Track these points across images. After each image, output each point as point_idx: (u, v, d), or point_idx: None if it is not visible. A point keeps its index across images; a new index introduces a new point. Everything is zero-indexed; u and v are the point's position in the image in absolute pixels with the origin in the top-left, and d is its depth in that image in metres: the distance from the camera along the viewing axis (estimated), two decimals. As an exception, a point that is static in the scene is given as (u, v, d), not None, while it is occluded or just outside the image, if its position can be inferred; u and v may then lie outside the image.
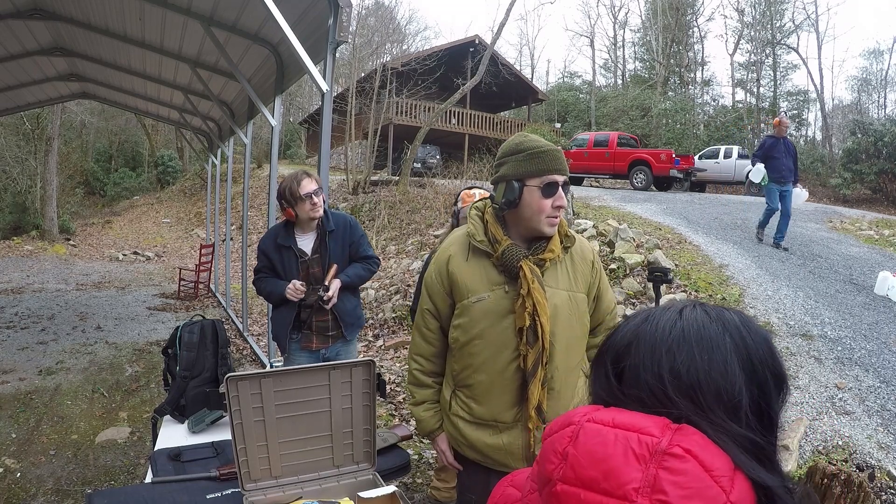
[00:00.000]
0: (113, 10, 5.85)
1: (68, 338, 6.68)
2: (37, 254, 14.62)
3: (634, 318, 0.74)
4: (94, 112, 24.80)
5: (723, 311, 0.72)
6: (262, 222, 16.17)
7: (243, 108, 7.60)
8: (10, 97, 9.11)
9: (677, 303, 0.74)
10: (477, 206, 1.78)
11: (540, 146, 1.61)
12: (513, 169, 1.62)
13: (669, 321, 0.70)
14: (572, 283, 1.71)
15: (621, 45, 33.15)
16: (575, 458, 0.61)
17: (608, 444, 0.61)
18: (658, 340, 0.69)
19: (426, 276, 1.80)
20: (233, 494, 1.76)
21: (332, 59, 3.85)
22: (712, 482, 0.58)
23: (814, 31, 25.09)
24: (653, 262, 6.14)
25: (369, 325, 7.01)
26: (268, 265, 2.94)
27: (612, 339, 0.74)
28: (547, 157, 1.60)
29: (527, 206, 1.61)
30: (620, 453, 0.60)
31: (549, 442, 0.66)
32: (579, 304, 1.72)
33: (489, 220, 1.70)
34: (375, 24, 26.32)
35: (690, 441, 0.60)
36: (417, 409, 1.86)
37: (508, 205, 1.63)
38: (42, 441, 3.91)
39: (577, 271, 1.73)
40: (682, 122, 24.69)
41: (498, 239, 1.66)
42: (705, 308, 0.72)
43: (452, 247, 1.76)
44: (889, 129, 16.76)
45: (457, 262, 1.72)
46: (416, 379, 1.85)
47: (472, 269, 1.69)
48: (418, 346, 1.84)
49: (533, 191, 1.60)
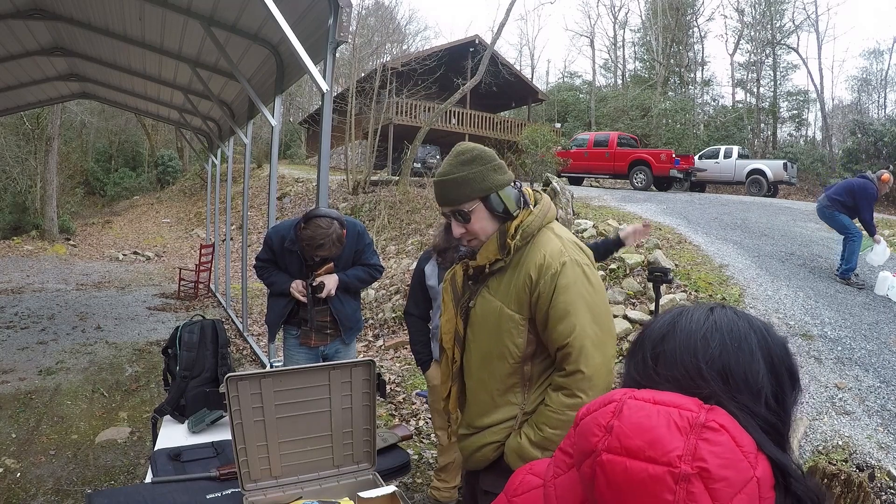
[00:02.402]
0: (113, 10, 5.85)
1: (68, 338, 6.68)
2: (37, 254, 14.61)
3: (668, 312, 0.82)
4: (94, 112, 24.79)
5: (747, 314, 0.81)
6: (262, 222, 16.17)
7: (243, 108, 7.60)
8: (10, 97, 9.11)
9: (706, 303, 0.82)
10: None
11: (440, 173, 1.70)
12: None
13: (703, 315, 0.78)
14: (505, 297, 1.58)
15: (621, 45, 33.17)
16: (620, 429, 0.66)
17: (652, 417, 0.66)
18: (693, 329, 0.76)
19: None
20: (233, 494, 1.76)
21: (332, 59, 3.85)
22: (742, 456, 0.64)
23: (814, 31, 25.10)
24: (653, 262, 6.14)
25: (369, 325, 7.01)
26: (271, 258, 2.96)
27: (649, 329, 0.81)
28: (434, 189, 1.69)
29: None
30: (664, 424, 0.65)
31: (590, 418, 0.70)
32: (504, 321, 1.56)
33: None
34: (375, 24, 26.33)
35: (723, 418, 0.67)
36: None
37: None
38: (42, 441, 3.91)
39: (510, 286, 1.57)
40: (682, 122, 24.69)
41: None
42: (733, 309, 0.81)
43: None
44: (889, 129, 16.77)
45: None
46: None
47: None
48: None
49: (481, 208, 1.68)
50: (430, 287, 2.76)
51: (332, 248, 2.71)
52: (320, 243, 2.67)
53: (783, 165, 15.26)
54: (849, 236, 6.32)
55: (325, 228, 2.66)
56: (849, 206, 6.36)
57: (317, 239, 2.66)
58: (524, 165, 12.25)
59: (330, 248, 2.70)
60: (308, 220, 2.70)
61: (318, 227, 2.66)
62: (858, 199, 6.28)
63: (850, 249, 6.31)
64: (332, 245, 2.69)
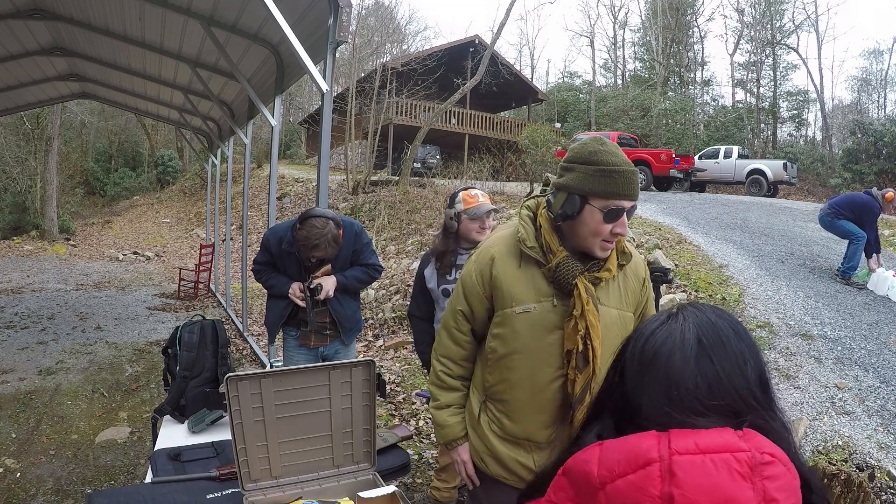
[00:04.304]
0: (113, 10, 5.85)
1: (68, 338, 6.68)
2: (37, 254, 14.61)
3: (669, 339, 0.73)
4: (94, 112, 24.80)
5: (695, 303, 0.79)
6: (262, 222, 16.17)
7: (243, 108, 7.60)
8: (10, 97, 9.10)
9: (684, 313, 0.76)
10: (529, 206, 1.61)
11: (615, 164, 1.43)
12: (578, 181, 1.45)
13: (706, 324, 0.73)
14: (622, 302, 1.59)
15: (621, 45, 33.16)
16: (684, 497, 0.60)
17: (712, 474, 0.61)
18: (725, 343, 0.71)
19: (464, 274, 1.65)
20: (233, 494, 1.76)
21: (332, 59, 3.85)
22: (791, 475, 0.63)
23: (814, 31, 25.09)
24: (653, 262, 6.14)
25: (369, 325, 7.01)
26: (269, 261, 2.95)
27: (668, 361, 0.71)
28: (619, 179, 1.42)
29: (584, 224, 1.46)
30: (727, 478, 0.60)
31: (629, 486, 0.63)
32: (627, 324, 1.57)
33: (544, 225, 1.54)
34: (375, 24, 26.33)
35: (764, 443, 0.65)
36: (441, 413, 1.70)
37: (564, 218, 1.48)
38: (42, 441, 3.91)
39: (628, 290, 1.60)
40: (682, 122, 24.69)
41: (553, 249, 1.51)
42: (693, 305, 0.78)
43: (496, 247, 1.60)
44: (889, 129, 16.76)
45: (502, 265, 1.56)
46: (441, 381, 1.70)
47: (519, 276, 1.54)
48: (446, 348, 1.69)
49: (594, 212, 1.44)
50: (430, 289, 2.76)
51: (327, 248, 2.68)
52: (315, 244, 2.65)
53: (783, 165, 15.27)
54: (853, 239, 6.31)
55: (321, 229, 2.64)
56: (851, 220, 6.35)
57: (312, 239, 2.64)
58: (524, 165, 12.25)
59: (326, 248, 2.68)
60: (303, 221, 2.68)
61: (314, 228, 2.64)
62: (862, 216, 6.27)
63: (853, 249, 6.29)
64: (327, 245, 2.67)
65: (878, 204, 6.29)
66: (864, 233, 6.26)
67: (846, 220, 6.35)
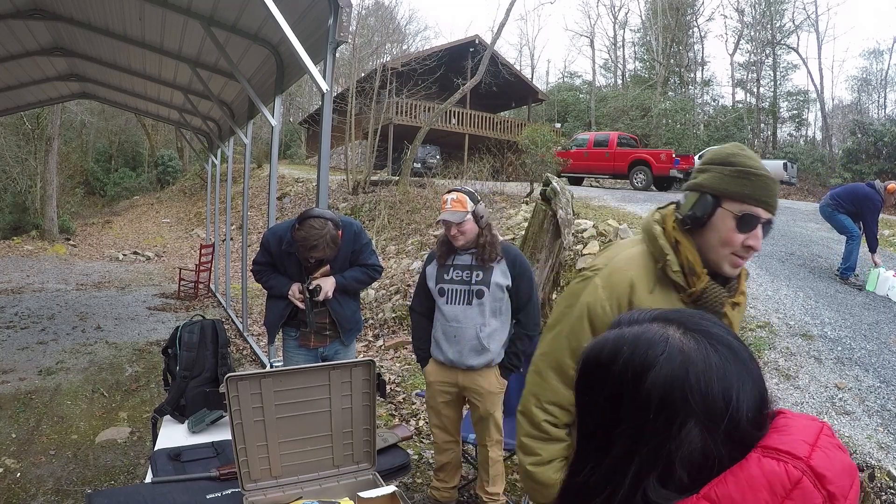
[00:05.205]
0: (113, 10, 5.85)
1: (68, 338, 6.68)
2: (37, 254, 14.61)
3: (692, 367, 0.66)
4: (94, 112, 24.80)
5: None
6: (262, 222, 16.17)
7: (243, 108, 7.60)
8: (10, 97, 9.11)
9: (659, 332, 0.70)
10: (657, 220, 1.40)
11: (754, 167, 1.29)
12: (713, 181, 1.30)
13: (701, 348, 0.67)
14: (737, 320, 1.46)
15: (621, 45, 33.17)
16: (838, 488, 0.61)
17: (832, 455, 0.63)
18: (729, 370, 0.66)
19: (589, 303, 1.36)
20: (233, 494, 1.76)
21: (332, 59, 3.85)
22: None
23: (814, 31, 25.10)
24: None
25: (369, 325, 7.01)
26: (268, 261, 2.95)
27: (702, 399, 0.64)
28: (757, 182, 1.27)
29: (714, 231, 1.30)
30: (839, 453, 0.64)
31: None
32: None
33: (683, 242, 1.33)
34: (375, 24, 26.34)
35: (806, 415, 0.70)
36: (544, 471, 1.40)
37: (693, 221, 1.31)
38: (42, 441, 3.91)
39: (739, 314, 1.48)
40: (682, 122, 24.68)
41: (696, 271, 1.31)
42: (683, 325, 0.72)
43: (632, 270, 1.36)
44: (889, 129, 16.77)
45: (641, 292, 1.33)
46: (544, 432, 1.41)
47: (656, 303, 1.31)
48: (556, 393, 1.38)
49: (726, 216, 1.28)
50: (430, 287, 2.77)
51: (326, 248, 2.68)
52: (314, 244, 2.64)
53: (783, 165, 15.26)
54: (849, 236, 6.30)
55: (319, 229, 2.63)
56: (851, 212, 6.32)
57: (310, 240, 2.63)
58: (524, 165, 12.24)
59: (324, 248, 2.67)
60: (302, 221, 2.68)
61: (312, 228, 2.64)
62: (863, 208, 6.23)
63: (849, 249, 6.28)
64: (326, 246, 2.67)
65: (880, 196, 6.22)
66: (858, 230, 6.25)
67: (845, 215, 6.34)
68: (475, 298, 2.66)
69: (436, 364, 2.77)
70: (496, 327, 2.69)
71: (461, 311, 2.67)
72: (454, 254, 2.73)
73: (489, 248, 2.66)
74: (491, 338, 2.66)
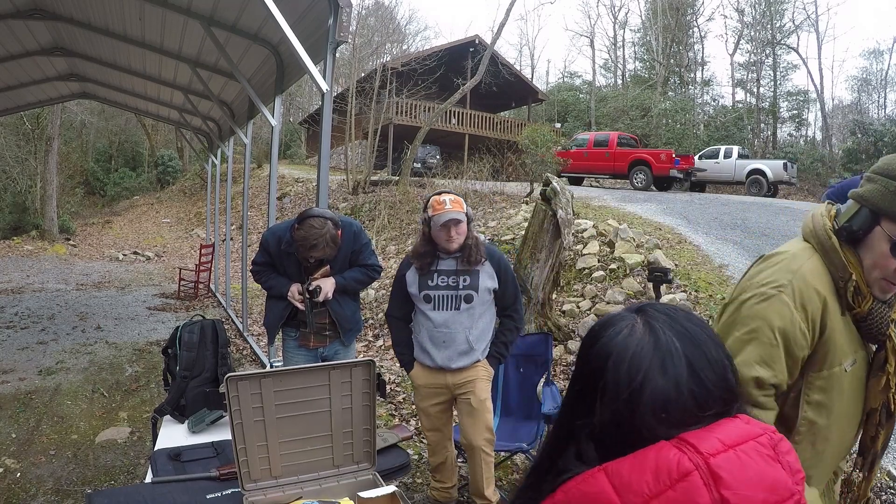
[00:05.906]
0: (113, 10, 5.85)
1: (68, 338, 6.68)
2: (37, 254, 14.61)
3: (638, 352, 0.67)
4: (94, 112, 24.78)
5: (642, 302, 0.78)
6: (262, 222, 16.16)
7: (243, 108, 7.60)
8: (10, 97, 9.11)
9: (624, 315, 0.73)
10: (830, 227, 1.27)
11: None
12: (874, 195, 1.17)
13: (668, 325, 0.69)
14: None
15: (621, 45, 33.17)
16: (737, 496, 0.58)
17: (750, 465, 0.60)
18: (701, 343, 0.68)
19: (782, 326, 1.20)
20: (233, 494, 1.76)
21: (332, 59, 3.85)
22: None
23: (814, 31, 25.16)
24: (653, 262, 6.14)
25: (369, 325, 7.01)
26: (268, 261, 2.95)
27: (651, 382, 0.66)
28: None
29: (868, 250, 1.20)
30: (763, 464, 0.60)
31: (674, 499, 0.59)
32: None
33: (849, 255, 1.22)
34: (375, 24, 26.35)
35: (764, 423, 0.67)
36: None
37: (848, 234, 1.21)
38: (42, 441, 3.91)
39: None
40: (682, 122, 24.70)
41: (862, 291, 1.21)
42: (649, 306, 0.75)
43: (820, 284, 1.22)
44: (889, 129, 16.79)
45: (833, 313, 1.22)
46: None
47: (842, 324, 1.24)
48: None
49: (882, 238, 1.17)
50: (411, 294, 2.73)
51: (325, 248, 2.67)
52: (313, 244, 2.63)
53: (783, 165, 15.27)
54: None
55: (319, 229, 2.62)
56: None
57: (310, 239, 2.63)
58: (524, 165, 12.24)
59: (324, 248, 2.66)
60: (301, 221, 2.67)
61: (312, 228, 2.63)
62: None
63: None
64: (325, 246, 2.66)
65: None
66: None
67: None
68: (463, 303, 2.64)
69: (423, 368, 2.74)
70: (483, 328, 2.70)
71: (450, 316, 2.64)
72: (437, 259, 2.70)
73: (475, 251, 2.64)
74: (479, 339, 2.68)
